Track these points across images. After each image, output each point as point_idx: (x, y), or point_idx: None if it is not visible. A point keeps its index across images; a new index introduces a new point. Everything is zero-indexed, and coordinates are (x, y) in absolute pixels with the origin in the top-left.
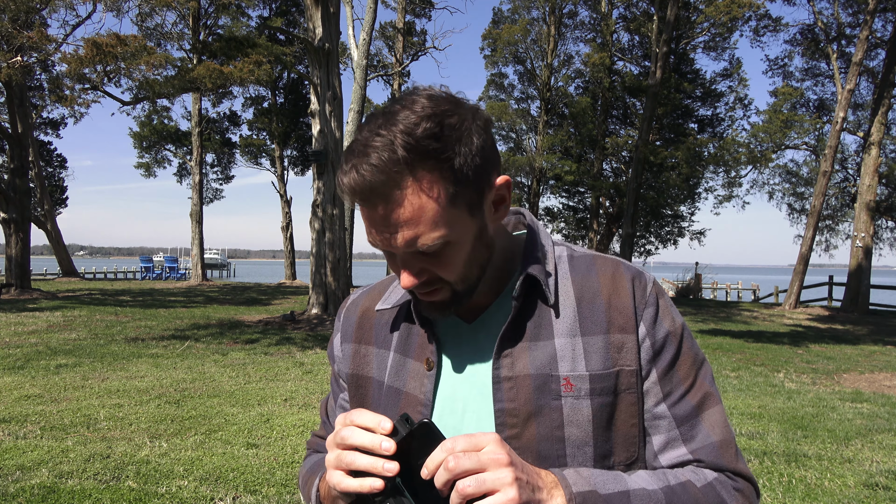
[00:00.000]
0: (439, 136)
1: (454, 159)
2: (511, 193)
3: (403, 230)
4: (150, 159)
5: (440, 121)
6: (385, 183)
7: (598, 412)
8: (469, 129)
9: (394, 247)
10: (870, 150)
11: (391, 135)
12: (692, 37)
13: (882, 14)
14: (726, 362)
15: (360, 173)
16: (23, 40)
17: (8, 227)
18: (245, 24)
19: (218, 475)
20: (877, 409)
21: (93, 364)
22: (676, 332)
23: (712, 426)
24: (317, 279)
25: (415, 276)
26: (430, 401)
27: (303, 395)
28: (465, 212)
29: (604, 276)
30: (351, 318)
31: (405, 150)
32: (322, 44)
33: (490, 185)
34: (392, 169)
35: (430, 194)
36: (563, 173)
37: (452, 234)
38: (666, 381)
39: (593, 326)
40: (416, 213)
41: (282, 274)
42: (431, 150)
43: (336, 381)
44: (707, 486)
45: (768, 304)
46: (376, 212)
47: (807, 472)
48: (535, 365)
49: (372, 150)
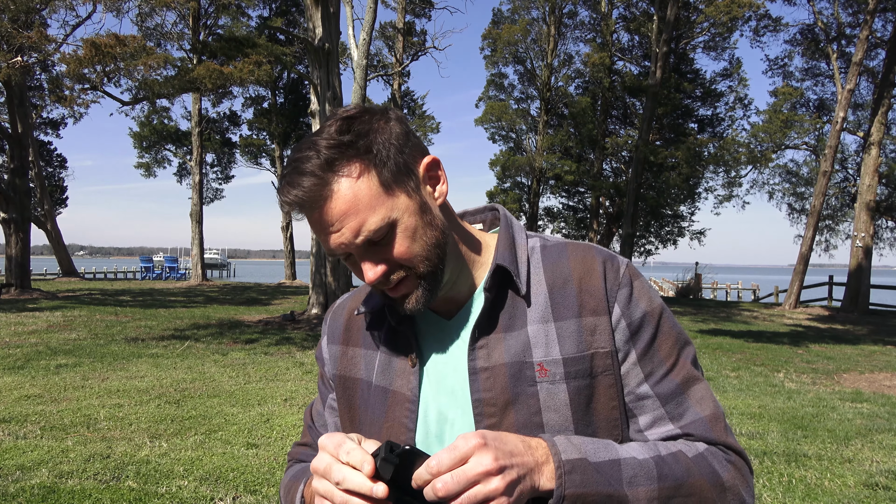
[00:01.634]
0: (349, 130)
1: (371, 147)
2: (443, 172)
3: (348, 222)
4: (150, 159)
5: (349, 121)
6: (319, 185)
7: (574, 396)
8: (378, 121)
9: (345, 244)
10: (870, 150)
11: (312, 146)
12: (692, 37)
13: (882, 14)
14: (726, 362)
15: (297, 186)
16: (22, 40)
17: (8, 227)
18: (245, 24)
19: (218, 475)
20: (877, 409)
21: (93, 364)
22: (654, 313)
23: (699, 401)
24: (317, 279)
25: (376, 266)
26: (416, 396)
27: (303, 395)
28: (400, 192)
29: (574, 261)
30: (338, 321)
31: (326, 150)
32: (322, 44)
33: (416, 165)
34: (320, 172)
35: (359, 182)
36: (563, 173)
37: (394, 214)
38: (646, 361)
39: (565, 311)
40: (353, 202)
41: (282, 274)
42: (347, 142)
43: (323, 381)
44: (698, 456)
45: (768, 304)
46: (322, 215)
47: (807, 472)
48: (509, 353)
49: (300, 163)
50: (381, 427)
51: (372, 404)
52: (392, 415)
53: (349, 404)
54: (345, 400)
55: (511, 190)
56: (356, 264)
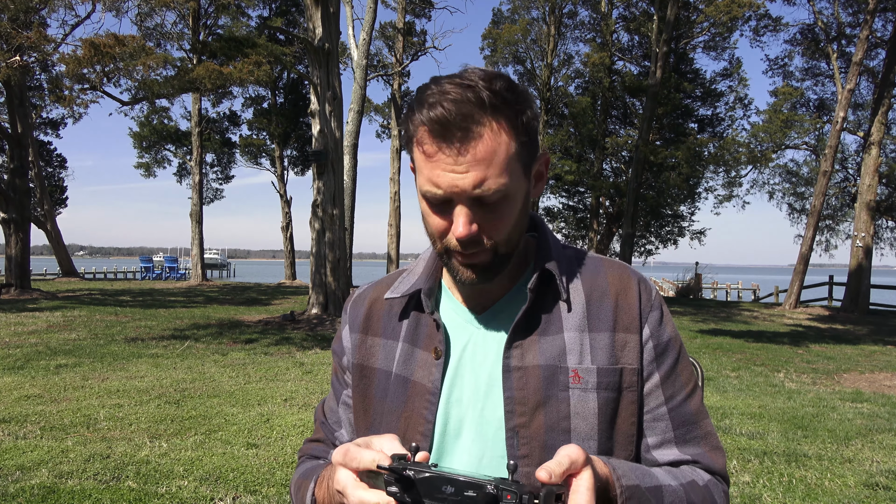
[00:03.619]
0: (513, 90)
1: (522, 115)
2: (548, 172)
3: (475, 169)
4: (150, 159)
5: (509, 80)
6: (468, 117)
7: (603, 406)
8: (530, 95)
9: (460, 188)
10: (870, 149)
11: (471, 82)
12: (692, 37)
13: (882, 14)
14: (726, 362)
15: (445, 107)
16: (22, 40)
17: (8, 227)
18: (245, 24)
19: (218, 475)
20: (877, 409)
21: (93, 364)
22: (677, 340)
23: (707, 435)
24: (317, 279)
25: (471, 223)
26: (437, 389)
27: (303, 395)
28: (522, 171)
29: (612, 276)
30: (359, 310)
31: (489, 93)
32: (322, 44)
33: (538, 154)
34: (475, 107)
35: (502, 139)
36: (563, 173)
37: (511, 187)
38: (669, 385)
39: (601, 323)
40: (489, 153)
41: (282, 274)
42: (508, 99)
43: (338, 377)
44: (705, 486)
45: (768, 304)
46: (452, 146)
47: (807, 472)
48: (544, 356)
49: (454, 93)
50: (399, 417)
51: (391, 394)
52: (412, 405)
53: (364, 394)
54: (360, 390)
55: None
56: (445, 215)
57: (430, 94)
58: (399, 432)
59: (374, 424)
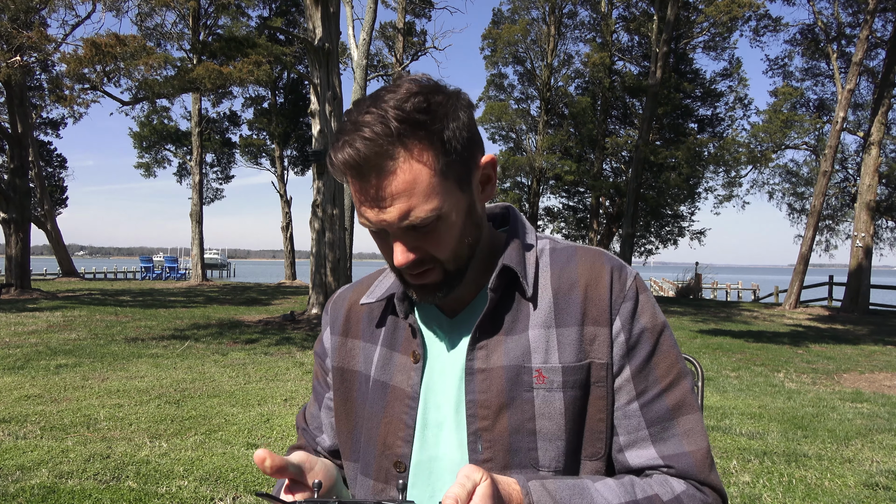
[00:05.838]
0: (427, 109)
1: (443, 131)
2: (496, 173)
3: (398, 202)
4: (150, 159)
5: (427, 97)
6: (379, 154)
7: (570, 406)
8: (454, 105)
9: (387, 222)
10: (870, 149)
11: (381, 110)
12: (692, 37)
13: (882, 14)
14: (726, 362)
15: (354, 147)
16: (22, 40)
17: (8, 227)
18: (245, 24)
19: (218, 475)
20: (877, 409)
21: (93, 364)
22: (655, 330)
23: (686, 433)
24: (317, 279)
25: (409, 251)
26: (416, 393)
27: (303, 395)
28: (456, 186)
29: (583, 266)
30: (338, 312)
31: (397, 122)
32: (322, 44)
33: (477, 161)
34: (385, 140)
35: (422, 165)
36: (563, 173)
37: (445, 207)
38: (640, 379)
39: (568, 318)
40: (410, 183)
41: (282, 274)
42: (421, 121)
43: (319, 380)
44: (674, 500)
45: (768, 304)
46: (369, 185)
47: (807, 472)
48: (508, 357)
49: (364, 125)
50: (380, 423)
51: (371, 399)
52: (391, 410)
53: (346, 397)
54: (341, 393)
55: (511, 190)
56: (386, 242)
57: (345, 128)
58: (380, 438)
59: (357, 429)
